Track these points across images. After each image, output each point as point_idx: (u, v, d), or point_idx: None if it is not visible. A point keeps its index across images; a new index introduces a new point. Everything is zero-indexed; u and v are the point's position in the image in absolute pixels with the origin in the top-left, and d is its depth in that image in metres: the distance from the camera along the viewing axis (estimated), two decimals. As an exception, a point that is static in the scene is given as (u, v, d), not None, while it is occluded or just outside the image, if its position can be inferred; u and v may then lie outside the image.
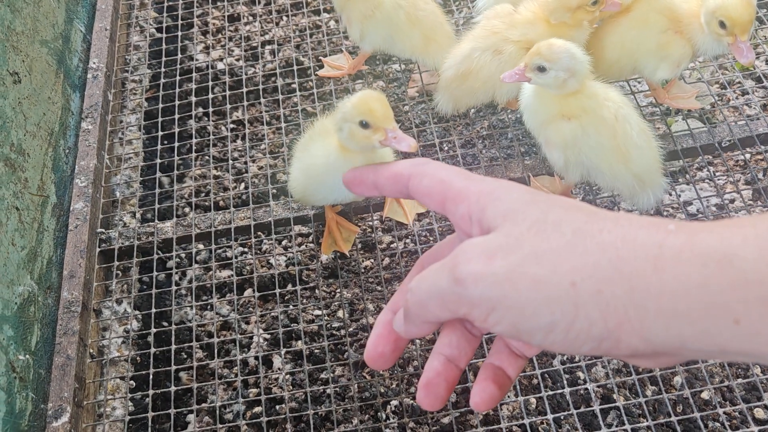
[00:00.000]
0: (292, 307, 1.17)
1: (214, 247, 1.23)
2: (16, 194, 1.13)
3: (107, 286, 1.21)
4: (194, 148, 1.36)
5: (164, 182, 1.35)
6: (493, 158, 1.25)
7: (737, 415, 1.02)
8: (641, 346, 0.35)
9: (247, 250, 1.26)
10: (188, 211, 1.31)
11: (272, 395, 1.07)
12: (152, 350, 1.10)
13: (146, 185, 1.34)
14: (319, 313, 1.17)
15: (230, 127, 1.40)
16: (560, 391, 1.02)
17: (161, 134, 1.36)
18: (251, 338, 1.15)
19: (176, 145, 1.36)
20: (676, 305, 0.33)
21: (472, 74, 1.14)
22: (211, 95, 1.43)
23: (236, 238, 1.24)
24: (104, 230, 1.24)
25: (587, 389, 1.03)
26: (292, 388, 1.10)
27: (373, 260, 1.22)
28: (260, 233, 1.24)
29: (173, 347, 1.10)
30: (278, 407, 1.08)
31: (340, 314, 1.16)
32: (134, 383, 1.12)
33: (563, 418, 1.02)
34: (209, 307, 1.19)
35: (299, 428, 1.06)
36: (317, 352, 1.12)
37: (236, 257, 1.23)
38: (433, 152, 1.27)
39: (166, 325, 1.16)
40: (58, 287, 1.16)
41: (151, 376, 1.08)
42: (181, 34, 1.54)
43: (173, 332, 1.12)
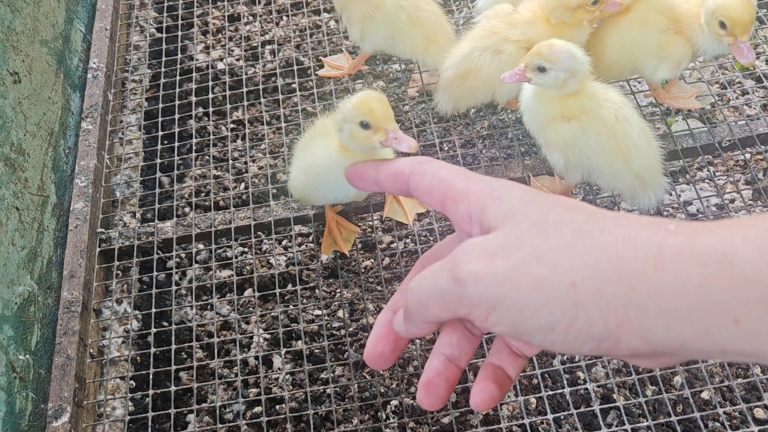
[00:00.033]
0: (292, 307, 1.17)
1: (214, 247, 1.23)
2: (16, 194, 1.13)
3: (107, 286, 1.21)
4: (194, 148, 1.36)
5: (164, 182, 1.35)
6: (493, 158, 1.25)
7: (737, 415, 1.02)
8: (641, 346, 0.35)
9: (247, 250, 1.26)
10: (188, 210, 1.32)
11: (272, 395, 1.07)
12: (152, 350, 1.10)
13: (146, 185, 1.34)
14: (319, 313, 1.17)
15: (230, 127, 1.40)
16: (560, 391, 1.02)
17: (161, 134, 1.36)
18: (251, 338, 1.15)
19: (176, 145, 1.36)
20: (676, 305, 0.33)
21: (472, 74, 1.14)
22: (211, 95, 1.43)
23: (236, 238, 1.24)
24: (104, 230, 1.24)
25: (587, 389, 1.03)
26: (292, 388, 1.10)
27: (373, 260, 1.22)
28: (260, 233, 1.24)
29: (173, 347, 1.10)
30: (278, 407, 1.08)
31: (340, 314, 1.16)
32: (134, 383, 1.12)
33: (563, 418, 1.02)
34: (209, 307, 1.19)
35: (299, 428, 1.06)
36: (317, 352, 1.12)
37: (236, 257, 1.23)
38: (433, 152, 1.27)
39: (166, 325, 1.16)
40: (58, 287, 1.16)
41: (151, 376, 1.08)
42: (181, 34, 1.54)
43: (173, 332, 1.12)
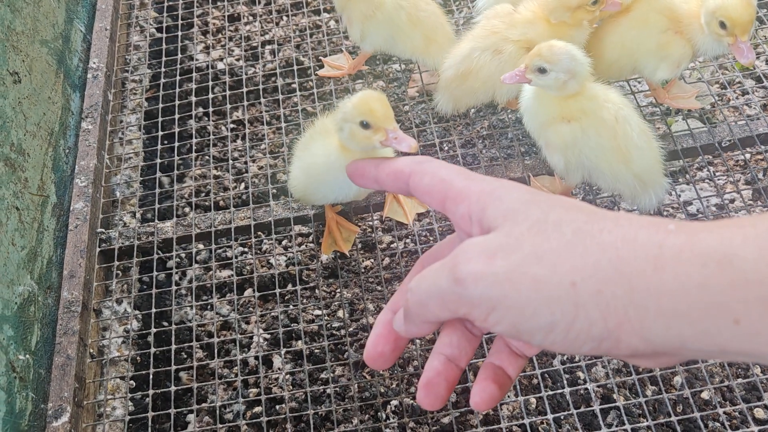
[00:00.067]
0: (292, 307, 1.17)
1: (214, 247, 1.23)
2: (16, 194, 1.13)
3: (107, 285, 1.21)
4: (194, 147, 1.36)
5: (164, 182, 1.35)
6: (493, 158, 1.25)
7: (737, 415, 1.02)
8: (641, 346, 0.35)
9: (247, 250, 1.26)
10: (188, 210, 1.31)
11: (272, 395, 1.07)
12: (152, 350, 1.10)
13: (146, 185, 1.34)
14: (319, 312, 1.17)
15: (230, 126, 1.40)
16: (560, 391, 1.02)
17: (161, 134, 1.36)
18: (251, 338, 1.15)
19: (176, 144, 1.36)
20: (676, 305, 0.33)
21: (472, 74, 1.14)
22: (211, 95, 1.43)
23: (236, 238, 1.24)
24: (104, 230, 1.24)
25: (587, 389, 1.03)
26: (292, 388, 1.10)
27: (373, 260, 1.22)
28: (260, 233, 1.24)
29: (173, 347, 1.10)
30: (278, 407, 1.08)
31: (340, 314, 1.16)
32: (134, 383, 1.12)
33: (563, 417, 1.02)
34: (209, 307, 1.19)
35: (299, 428, 1.06)
36: (317, 352, 1.12)
37: (236, 257, 1.23)
38: (433, 152, 1.27)
39: (166, 325, 1.16)
40: (58, 287, 1.16)
41: (151, 375, 1.08)
42: (181, 34, 1.54)
43: (173, 332, 1.12)
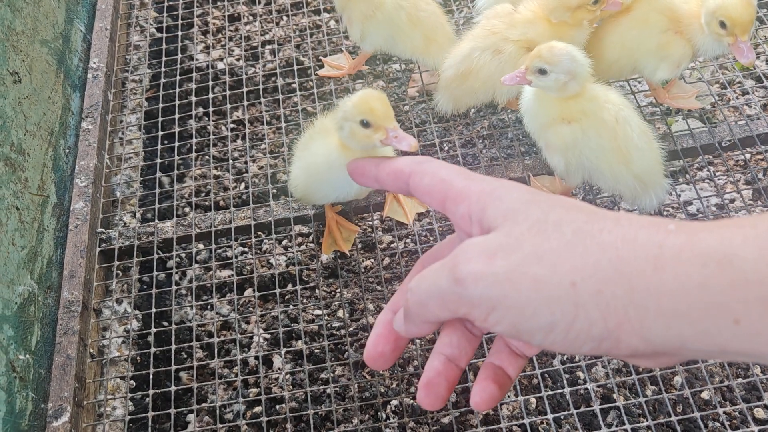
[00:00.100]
0: (292, 306, 1.17)
1: (214, 246, 1.23)
2: (16, 194, 1.13)
3: (107, 285, 1.21)
4: (194, 147, 1.36)
5: (164, 182, 1.35)
6: (493, 158, 1.25)
7: (737, 414, 1.02)
8: (641, 346, 0.35)
9: (247, 249, 1.26)
10: (188, 210, 1.32)
11: (272, 395, 1.07)
12: (152, 350, 1.10)
13: (146, 185, 1.34)
14: (319, 312, 1.17)
15: (230, 126, 1.40)
16: (560, 390, 1.02)
17: (161, 134, 1.36)
18: (251, 338, 1.15)
19: (176, 144, 1.36)
20: (676, 305, 0.33)
21: (472, 74, 1.14)
22: (211, 95, 1.43)
23: (236, 237, 1.24)
24: (104, 230, 1.24)
25: (587, 389, 1.03)
26: (292, 387, 1.10)
27: (373, 260, 1.22)
28: (260, 233, 1.24)
29: (173, 347, 1.10)
30: (278, 407, 1.08)
31: (340, 314, 1.16)
32: (134, 383, 1.12)
33: (563, 417, 1.02)
34: (209, 306, 1.19)
35: (299, 428, 1.06)
36: (317, 351, 1.12)
37: (236, 257, 1.23)
38: (433, 152, 1.27)
39: (166, 324, 1.16)
40: (58, 287, 1.16)
41: (151, 375, 1.08)
42: (181, 33, 1.54)
43: (173, 332, 1.12)
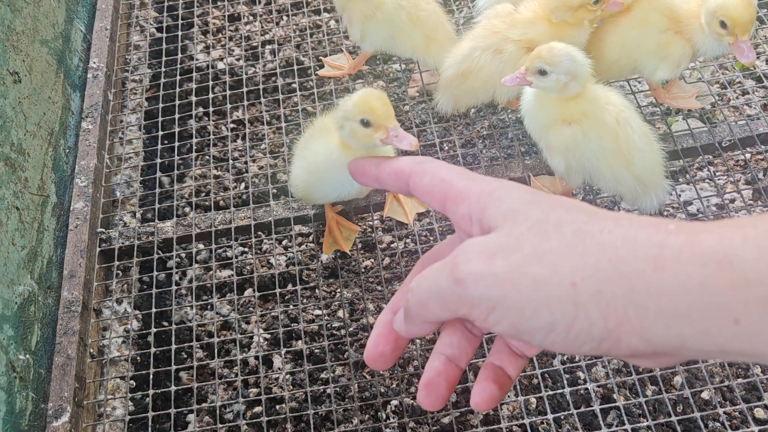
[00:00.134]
0: (292, 306, 1.17)
1: (214, 246, 1.23)
2: (16, 194, 1.13)
3: (107, 285, 1.21)
4: (194, 147, 1.36)
5: (164, 182, 1.35)
6: (493, 158, 1.25)
7: (737, 414, 1.02)
8: (641, 346, 0.35)
9: (247, 249, 1.25)
10: (188, 210, 1.32)
11: (272, 395, 1.07)
12: (152, 350, 1.10)
13: (146, 185, 1.34)
14: (319, 312, 1.17)
15: (230, 126, 1.40)
16: (560, 390, 1.02)
17: (161, 134, 1.36)
18: (251, 338, 1.15)
19: (176, 144, 1.36)
20: (676, 305, 0.33)
21: (472, 74, 1.14)
22: (211, 95, 1.43)
23: (236, 237, 1.24)
24: (104, 230, 1.24)
25: (587, 389, 1.03)
26: (292, 387, 1.10)
27: (373, 260, 1.22)
28: (260, 233, 1.24)
29: (173, 347, 1.10)
30: (278, 407, 1.08)
31: (340, 314, 1.16)
32: (134, 383, 1.12)
33: (563, 417, 1.02)
34: (209, 306, 1.19)
35: (299, 428, 1.06)
36: (317, 351, 1.12)
37: (236, 257, 1.23)
38: (433, 152, 1.27)
39: (166, 324, 1.16)
40: (58, 287, 1.16)
41: (151, 375, 1.08)
42: (181, 33, 1.54)
43: (173, 332, 1.12)
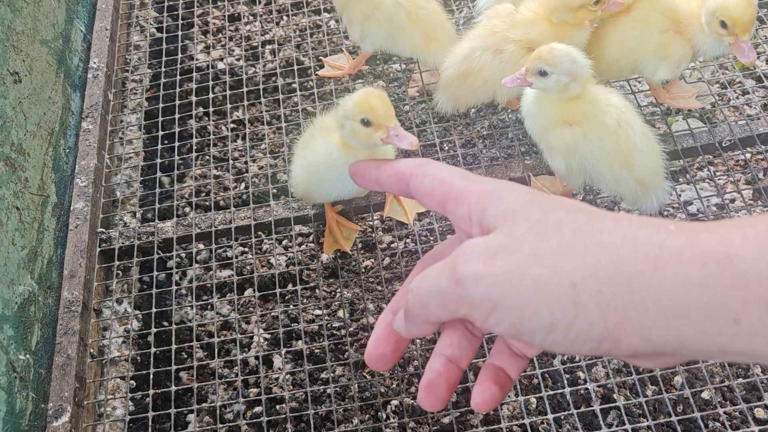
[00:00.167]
0: (292, 306, 1.17)
1: (214, 246, 1.23)
2: (16, 194, 1.13)
3: (107, 285, 1.21)
4: (195, 147, 1.36)
5: (164, 182, 1.35)
6: (493, 158, 1.25)
7: (738, 414, 1.02)
8: (641, 346, 0.35)
9: (247, 249, 1.25)
10: (188, 210, 1.32)
11: (272, 395, 1.07)
12: (152, 350, 1.10)
13: (146, 185, 1.34)
14: (319, 312, 1.17)
15: (231, 126, 1.40)
16: (560, 390, 1.02)
17: (162, 134, 1.36)
18: (251, 338, 1.15)
19: (177, 144, 1.36)
20: (676, 305, 0.33)
21: (472, 73, 1.14)
22: (211, 95, 1.43)
23: (236, 237, 1.24)
24: (104, 230, 1.24)
25: (587, 389, 1.03)
26: (292, 387, 1.10)
27: (373, 260, 1.22)
28: (260, 233, 1.24)
29: (173, 347, 1.10)
30: (278, 407, 1.08)
31: (340, 314, 1.16)
32: (134, 383, 1.12)
33: (563, 417, 1.02)
34: (209, 306, 1.19)
35: (299, 428, 1.06)
36: (317, 351, 1.12)
37: (236, 257, 1.23)
38: (433, 152, 1.27)
39: (166, 324, 1.16)
40: (58, 287, 1.16)
41: (151, 375, 1.08)
42: (181, 33, 1.54)
43: (173, 332, 1.12)
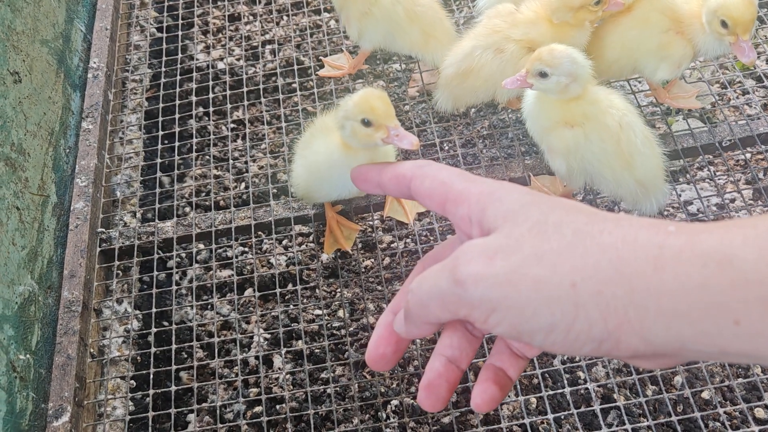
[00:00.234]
0: (292, 306, 1.17)
1: (214, 246, 1.23)
2: (16, 194, 1.13)
3: (108, 285, 1.21)
4: (195, 147, 1.36)
5: (165, 182, 1.35)
6: (493, 158, 1.25)
7: (738, 414, 1.02)
8: (641, 346, 0.35)
9: (247, 249, 1.25)
10: (189, 210, 1.31)
11: (273, 395, 1.07)
12: (153, 350, 1.10)
13: (147, 185, 1.34)
14: (319, 312, 1.17)
15: (231, 126, 1.40)
16: (560, 390, 1.02)
17: (162, 134, 1.36)
18: (252, 338, 1.15)
19: (177, 144, 1.36)
20: (676, 305, 0.33)
21: (473, 73, 1.13)
22: (211, 95, 1.43)
23: (237, 237, 1.24)
24: (105, 230, 1.24)
25: (587, 389, 1.03)
26: (292, 387, 1.10)
27: (373, 260, 1.22)
28: (261, 233, 1.24)
29: (174, 347, 1.10)
30: (279, 407, 1.08)
31: (340, 314, 1.16)
32: (135, 383, 1.12)
33: (563, 417, 1.02)
34: (210, 306, 1.19)
35: (300, 428, 1.06)
36: (318, 351, 1.12)
37: (237, 257, 1.23)
38: (433, 152, 1.27)
39: (166, 324, 1.16)
40: (58, 287, 1.16)
41: (151, 375, 1.08)
42: (181, 33, 1.54)
43: (174, 332, 1.12)
